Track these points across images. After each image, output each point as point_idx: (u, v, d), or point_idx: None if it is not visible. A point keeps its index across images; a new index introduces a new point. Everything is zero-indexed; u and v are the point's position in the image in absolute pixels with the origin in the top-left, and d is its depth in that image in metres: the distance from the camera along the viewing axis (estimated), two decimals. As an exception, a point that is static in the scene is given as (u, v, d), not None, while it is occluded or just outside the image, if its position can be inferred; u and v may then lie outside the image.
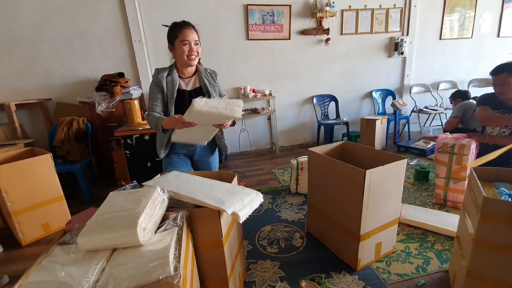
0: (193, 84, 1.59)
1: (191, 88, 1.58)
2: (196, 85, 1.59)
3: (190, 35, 1.47)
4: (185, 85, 1.58)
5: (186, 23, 1.49)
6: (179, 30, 1.47)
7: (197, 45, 1.51)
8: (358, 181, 1.41)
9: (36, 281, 0.78)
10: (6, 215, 2.09)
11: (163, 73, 1.53)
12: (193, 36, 1.48)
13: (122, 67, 3.31)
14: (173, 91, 1.52)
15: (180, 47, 1.47)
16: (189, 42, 1.47)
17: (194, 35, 1.49)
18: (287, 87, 3.95)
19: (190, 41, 1.47)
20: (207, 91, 1.57)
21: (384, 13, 3.95)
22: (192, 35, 1.48)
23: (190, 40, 1.47)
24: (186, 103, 1.52)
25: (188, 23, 1.49)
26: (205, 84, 1.57)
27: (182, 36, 1.46)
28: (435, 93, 4.35)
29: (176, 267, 0.79)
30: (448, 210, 2.17)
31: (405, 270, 1.58)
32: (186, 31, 1.46)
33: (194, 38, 1.49)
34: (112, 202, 1.03)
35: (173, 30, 1.49)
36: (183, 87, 1.57)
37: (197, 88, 1.59)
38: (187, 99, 1.54)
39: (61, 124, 2.79)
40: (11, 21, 2.97)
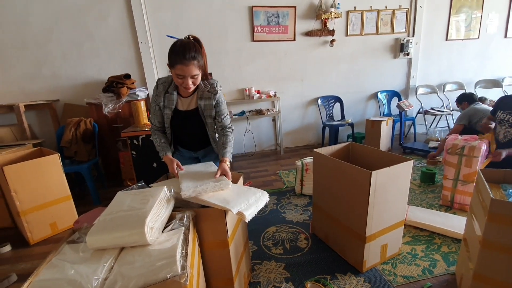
0: (189, 104, 1.49)
1: (186, 108, 1.49)
2: (192, 106, 1.49)
3: (187, 71, 1.30)
4: (182, 105, 1.49)
5: (185, 56, 1.27)
6: (175, 62, 1.29)
7: (194, 78, 1.35)
8: (364, 182, 1.40)
9: (46, 278, 0.79)
10: (15, 214, 2.12)
11: (161, 91, 1.45)
12: (190, 71, 1.31)
13: (128, 68, 3.35)
14: (169, 111, 1.46)
15: (175, 77, 1.35)
16: (185, 77, 1.32)
17: (192, 70, 1.31)
18: (292, 88, 3.95)
19: (187, 76, 1.32)
20: (202, 114, 1.49)
21: (390, 14, 3.93)
22: (189, 71, 1.30)
23: (186, 76, 1.31)
24: (181, 123, 1.51)
25: (187, 55, 1.27)
26: (200, 107, 1.47)
27: (178, 70, 1.30)
28: (441, 94, 4.31)
29: (183, 266, 0.80)
30: (455, 212, 2.15)
31: (411, 272, 1.57)
32: (183, 68, 1.29)
33: (191, 73, 1.31)
34: (120, 202, 1.04)
35: (171, 56, 1.31)
36: (180, 107, 1.49)
37: (194, 109, 1.49)
38: (181, 120, 1.50)
39: (69, 125, 2.83)
40: (22, 24, 3.04)
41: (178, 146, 1.64)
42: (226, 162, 1.38)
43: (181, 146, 1.64)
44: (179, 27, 3.38)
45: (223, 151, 1.45)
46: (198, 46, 1.34)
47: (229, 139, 1.50)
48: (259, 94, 3.70)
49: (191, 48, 1.30)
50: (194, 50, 1.30)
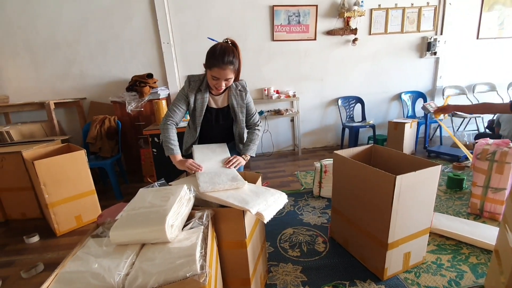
0: (221, 102, 1.56)
1: (219, 106, 1.57)
2: (225, 104, 1.56)
3: (223, 75, 1.36)
4: (214, 102, 1.56)
5: (224, 59, 1.33)
6: (213, 65, 1.35)
7: (227, 80, 1.40)
8: (387, 187, 1.35)
9: (72, 271, 0.82)
10: (44, 206, 2.24)
11: (194, 88, 1.49)
12: (226, 75, 1.37)
13: (151, 68, 3.43)
14: (202, 109, 1.52)
15: (210, 78, 1.41)
16: (220, 79, 1.38)
17: (227, 74, 1.37)
18: (311, 89, 3.89)
19: (221, 79, 1.38)
20: (233, 111, 1.56)
21: (416, 12, 3.77)
22: (225, 74, 1.36)
23: (221, 78, 1.38)
24: (213, 121, 1.57)
25: (225, 59, 1.33)
26: (232, 105, 1.54)
27: (214, 72, 1.36)
28: (471, 96, 4.09)
29: (202, 266, 0.80)
30: (485, 222, 2.03)
31: (436, 283, 1.49)
32: (220, 71, 1.35)
33: (226, 77, 1.37)
34: (142, 198, 1.06)
35: (210, 59, 1.36)
36: (212, 105, 1.55)
37: (225, 107, 1.57)
38: (213, 117, 1.57)
39: (94, 122, 2.95)
40: (54, 25, 3.20)
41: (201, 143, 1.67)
42: (245, 157, 1.53)
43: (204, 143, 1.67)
44: (200, 28, 3.42)
45: (247, 147, 1.58)
46: (235, 51, 1.40)
47: (255, 137, 1.61)
48: (278, 94, 3.68)
49: (229, 53, 1.36)
50: (232, 55, 1.36)
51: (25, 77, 3.31)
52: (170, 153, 1.46)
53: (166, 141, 1.47)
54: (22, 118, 3.37)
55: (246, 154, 1.55)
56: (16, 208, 2.43)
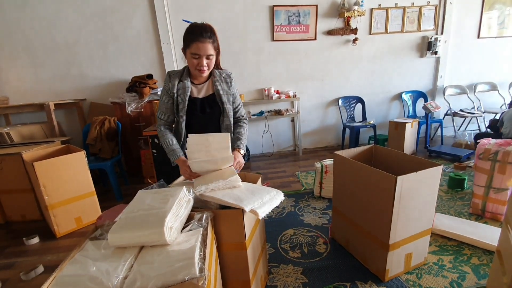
0: (206, 91, 1.48)
1: (203, 95, 1.47)
2: (209, 92, 1.48)
3: (203, 49, 1.30)
4: (197, 92, 1.47)
5: (202, 34, 1.29)
6: (192, 40, 1.29)
7: (209, 59, 1.34)
8: (389, 187, 1.34)
9: (69, 274, 0.81)
10: (43, 208, 2.23)
11: (174, 80, 1.43)
12: (206, 50, 1.31)
13: (151, 69, 3.43)
14: (184, 100, 1.42)
15: (190, 59, 1.34)
16: (200, 56, 1.32)
17: (208, 48, 1.31)
18: (311, 89, 3.88)
19: (202, 56, 1.32)
20: (220, 98, 1.46)
21: (417, 11, 3.76)
22: (205, 49, 1.30)
23: (201, 55, 1.31)
24: (198, 111, 1.46)
25: (204, 34, 1.29)
26: (218, 91, 1.45)
27: (194, 49, 1.30)
28: (472, 95, 4.07)
29: (201, 269, 0.79)
30: (487, 222, 2.02)
31: (437, 284, 1.48)
32: (199, 45, 1.29)
33: (207, 52, 1.31)
34: (141, 200, 1.05)
35: (187, 37, 1.32)
36: (195, 95, 1.46)
37: (210, 95, 1.47)
38: (198, 107, 1.46)
39: (94, 123, 2.94)
40: (53, 26, 3.20)
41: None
42: (240, 152, 1.42)
43: None
44: (200, 28, 3.41)
45: (238, 142, 1.47)
46: (213, 30, 1.36)
47: (244, 131, 1.52)
48: (278, 94, 3.67)
49: (207, 28, 1.32)
50: (210, 31, 1.33)
51: (25, 78, 3.31)
52: (174, 158, 1.39)
53: (166, 148, 1.42)
54: (22, 120, 3.37)
55: (240, 148, 1.44)
56: (16, 210, 2.43)
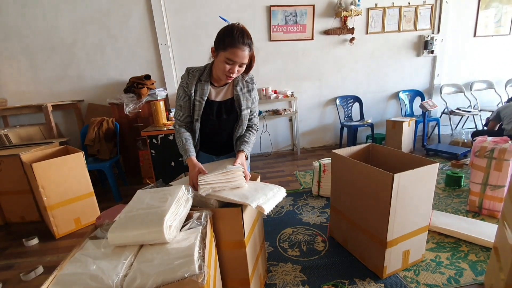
0: (224, 95, 1.39)
1: (221, 99, 1.38)
2: (228, 96, 1.39)
3: (241, 57, 1.22)
4: (216, 94, 1.38)
5: (244, 41, 1.20)
6: (232, 45, 1.20)
7: (242, 66, 1.27)
8: (386, 185, 1.35)
9: (70, 273, 0.82)
10: (42, 209, 2.23)
11: (193, 79, 1.33)
12: (243, 58, 1.23)
13: (148, 69, 3.43)
14: (201, 102, 1.33)
15: (222, 62, 1.23)
16: (235, 63, 1.23)
17: (245, 57, 1.23)
18: (309, 88, 3.90)
19: (236, 62, 1.23)
20: (238, 104, 1.37)
21: (413, 10, 3.79)
22: (243, 57, 1.22)
23: (237, 61, 1.23)
24: (213, 116, 1.38)
25: (245, 41, 1.21)
26: (238, 97, 1.36)
27: (231, 54, 1.20)
28: (469, 94, 4.10)
29: (200, 266, 0.79)
30: (484, 219, 2.03)
31: (435, 281, 1.50)
32: (238, 52, 1.20)
33: (243, 60, 1.24)
34: (140, 200, 1.06)
35: (226, 40, 1.21)
36: (213, 97, 1.37)
37: (229, 99, 1.38)
38: (215, 112, 1.38)
39: (92, 124, 2.94)
40: (50, 28, 3.20)
41: (201, 148, 1.51)
42: (243, 154, 1.36)
43: (204, 148, 1.51)
44: (198, 29, 3.42)
45: (243, 145, 1.38)
46: (250, 36, 1.26)
47: (252, 137, 1.45)
48: (276, 94, 3.68)
49: (248, 35, 1.23)
50: (250, 39, 1.24)
51: (22, 80, 3.31)
52: (184, 159, 1.32)
53: (180, 149, 1.35)
54: (20, 121, 3.37)
55: (244, 151, 1.37)
56: (15, 211, 2.43)
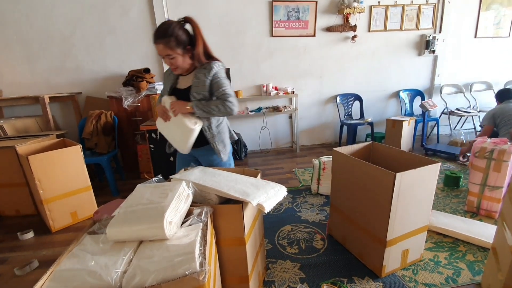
0: (185, 82, 1.48)
1: (183, 87, 1.47)
2: (189, 84, 1.46)
3: (159, 51, 1.35)
4: (183, 83, 1.49)
5: (155, 36, 1.32)
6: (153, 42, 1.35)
7: (172, 58, 1.36)
8: (387, 184, 1.34)
9: (67, 268, 0.80)
10: (38, 203, 2.20)
11: (168, 70, 1.51)
12: (161, 51, 1.35)
13: (148, 63, 3.39)
14: (165, 90, 1.52)
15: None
16: (163, 57, 1.37)
17: (161, 50, 1.34)
18: (310, 85, 3.88)
19: (163, 56, 1.37)
20: (189, 90, 1.44)
21: (416, 9, 3.77)
22: (160, 50, 1.34)
23: (162, 55, 1.37)
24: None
25: (157, 35, 1.31)
26: (193, 84, 1.43)
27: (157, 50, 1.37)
28: (468, 94, 4.11)
29: (201, 263, 0.78)
30: (481, 219, 2.04)
31: (433, 280, 1.50)
32: (157, 48, 1.34)
33: (162, 53, 1.35)
34: (139, 195, 1.04)
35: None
36: (179, 86, 1.50)
37: (188, 87, 1.45)
38: (181, 98, 1.45)
39: (90, 117, 2.90)
40: (48, 18, 3.13)
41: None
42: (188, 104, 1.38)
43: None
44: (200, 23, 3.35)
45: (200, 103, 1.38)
46: (174, 26, 1.32)
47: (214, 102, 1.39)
48: (276, 90, 3.66)
49: (160, 29, 1.32)
50: (163, 31, 1.31)
51: (18, 70, 3.25)
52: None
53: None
54: (15, 113, 3.31)
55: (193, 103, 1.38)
56: (9, 204, 2.40)
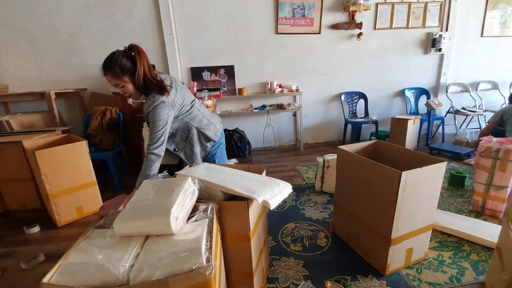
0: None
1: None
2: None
3: (109, 80, 1.40)
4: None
5: (102, 67, 1.37)
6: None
7: (123, 87, 1.41)
8: (393, 183, 1.34)
9: (75, 262, 0.81)
10: (44, 197, 2.23)
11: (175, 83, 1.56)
12: (111, 80, 1.39)
13: (153, 59, 3.39)
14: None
15: None
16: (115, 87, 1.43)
17: (109, 80, 1.39)
18: (314, 83, 3.86)
19: (114, 85, 1.42)
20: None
21: (422, 7, 3.73)
22: (110, 80, 1.39)
23: (112, 85, 1.42)
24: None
25: (103, 67, 1.37)
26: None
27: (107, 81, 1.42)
28: (474, 94, 4.07)
29: (208, 259, 0.79)
30: (486, 219, 2.03)
31: (437, 279, 1.50)
32: (106, 78, 1.39)
33: (114, 82, 1.40)
34: (146, 191, 1.05)
35: None
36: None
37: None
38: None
39: (95, 113, 2.92)
40: (53, 14, 3.15)
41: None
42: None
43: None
44: (204, 19, 3.37)
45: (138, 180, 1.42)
46: (119, 56, 1.35)
47: (144, 165, 1.43)
48: (281, 88, 3.65)
49: (107, 60, 1.36)
50: (108, 61, 1.35)
51: (24, 66, 3.27)
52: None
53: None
54: (21, 108, 3.34)
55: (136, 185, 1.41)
56: (16, 199, 2.42)
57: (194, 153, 1.65)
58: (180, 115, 1.55)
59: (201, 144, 1.67)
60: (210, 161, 1.72)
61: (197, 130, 1.64)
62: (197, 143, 1.65)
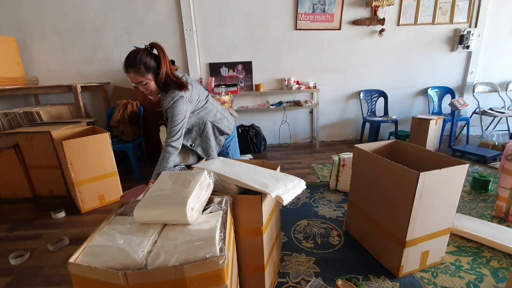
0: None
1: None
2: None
3: (132, 79, 1.42)
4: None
5: (125, 65, 1.39)
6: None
7: (144, 84, 1.44)
8: (410, 184, 1.31)
9: (99, 244, 0.86)
10: (70, 185, 2.36)
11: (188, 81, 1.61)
12: (132, 79, 1.42)
13: (173, 54, 3.47)
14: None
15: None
16: (136, 84, 1.45)
17: (132, 77, 1.41)
18: (332, 80, 3.80)
19: (136, 83, 1.44)
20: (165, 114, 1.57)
21: (450, 2, 3.56)
22: (131, 78, 1.42)
23: (135, 82, 1.44)
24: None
25: (127, 64, 1.38)
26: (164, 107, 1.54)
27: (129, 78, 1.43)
28: (503, 94, 3.85)
29: (221, 248, 0.82)
30: (510, 226, 1.94)
31: (453, 284, 1.46)
32: (128, 75, 1.41)
33: (134, 81, 1.42)
34: (164, 181, 1.10)
35: None
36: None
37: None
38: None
39: (118, 106, 3.03)
40: (81, 10, 3.28)
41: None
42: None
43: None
44: (223, 16, 3.40)
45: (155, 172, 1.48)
46: (142, 53, 1.38)
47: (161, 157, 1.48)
48: (298, 85, 3.63)
49: (130, 56, 1.37)
50: (133, 58, 1.37)
51: (53, 60, 3.44)
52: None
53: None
54: (49, 100, 3.53)
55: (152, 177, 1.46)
56: (44, 184, 2.58)
57: (210, 147, 1.69)
58: (196, 110, 1.61)
59: (216, 138, 1.73)
60: (224, 154, 1.78)
61: (212, 124, 1.69)
62: (212, 137, 1.70)
